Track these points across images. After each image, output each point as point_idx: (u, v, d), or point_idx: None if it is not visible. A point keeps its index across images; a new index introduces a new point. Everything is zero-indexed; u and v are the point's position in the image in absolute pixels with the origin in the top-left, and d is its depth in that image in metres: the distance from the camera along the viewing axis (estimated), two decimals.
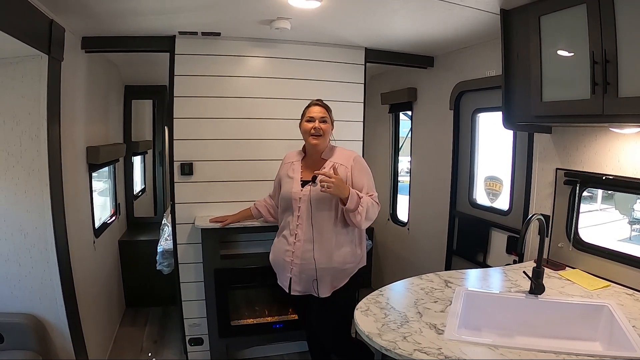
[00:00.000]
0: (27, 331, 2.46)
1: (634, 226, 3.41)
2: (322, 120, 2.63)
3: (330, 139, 2.73)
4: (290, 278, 2.65)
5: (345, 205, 2.43)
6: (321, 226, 2.55)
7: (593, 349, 1.79)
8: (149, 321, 4.28)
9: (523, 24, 2.27)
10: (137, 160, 5.23)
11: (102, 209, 4.00)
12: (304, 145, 2.77)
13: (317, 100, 2.73)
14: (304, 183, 2.62)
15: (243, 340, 3.46)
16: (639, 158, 2.14)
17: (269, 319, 3.46)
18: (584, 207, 2.53)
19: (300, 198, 2.59)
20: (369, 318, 1.84)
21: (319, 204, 2.50)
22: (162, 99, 5.01)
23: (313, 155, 2.70)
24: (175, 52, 3.14)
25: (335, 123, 3.42)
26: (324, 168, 2.58)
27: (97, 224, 3.56)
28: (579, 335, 1.91)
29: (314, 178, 2.55)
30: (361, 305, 1.97)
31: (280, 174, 2.81)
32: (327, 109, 2.69)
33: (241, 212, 3.14)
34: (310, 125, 2.63)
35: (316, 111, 2.65)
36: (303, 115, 2.71)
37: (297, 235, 2.59)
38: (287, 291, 2.68)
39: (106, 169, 4.06)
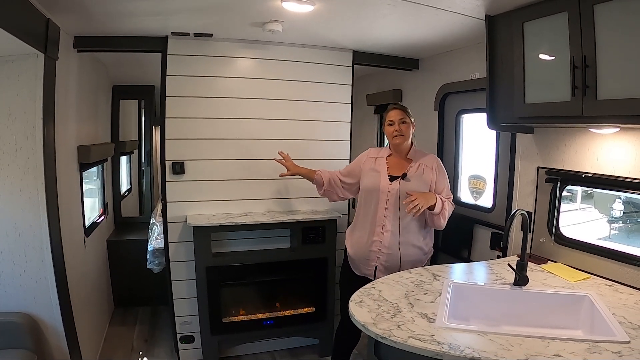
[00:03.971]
0: (22, 330, 2.46)
1: (612, 225, 3.54)
2: (402, 122, 2.76)
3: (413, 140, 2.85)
4: (376, 267, 2.75)
5: (433, 210, 2.61)
6: (407, 219, 2.69)
7: (576, 335, 1.89)
8: (139, 320, 4.29)
9: (507, 29, 2.37)
10: (123, 160, 5.22)
11: (91, 209, 4.01)
12: (389, 144, 2.89)
13: (394, 103, 2.88)
14: (392, 178, 2.74)
15: (234, 337, 3.51)
16: (616, 157, 2.26)
17: (260, 316, 3.51)
18: (564, 206, 2.65)
19: (389, 192, 2.70)
20: (363, 309, 1.91)
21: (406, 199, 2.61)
22: (150, 99, 5.02)
23: (398, 155, 2.83)
24: (168, 53, 3.18)
25: (323, 123, 3.51)
26: (411, 167, 2.75)
27: (87, 224, 3.57)
28: (562, 323, 2.01)
29: (404, 175, 2.70)
30: (355, 297, 2.04)
31: (363, 167, 2.89)
32: (405, 110, 2.81)
33: (307, 169, 3.09)
34: (391, 128, 2.78)
35: (395, 114, 2.78)
36: (384, 120, 2.85)
37: (385, 226, 2.71)
38: (372, 279, 2.72)
39: (95, 168, 4.07)
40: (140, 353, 3.67)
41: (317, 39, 3.30)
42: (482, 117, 2.65)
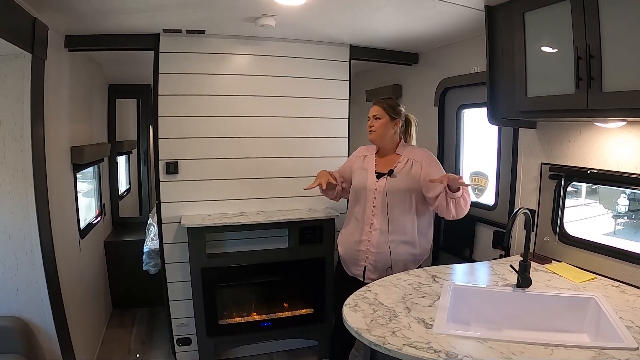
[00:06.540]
0: (13, 334, 2.41)
1: (618, 220, 3.45)
2: (375, 118, 2.69)
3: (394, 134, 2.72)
4: (365, 267, 2.68)
5: (456, 192, 2.42)
6: (396, 217, 2.61)
7: (581, 341, 1.81)
8: (137, 322, 4.24)
9: (507, 20, 2.28)
10: (121, 160, 5.17)
11: (87, 210, 3.95)
12: None
13: (380, 98, 2.79)
14: (378, 175, 2.68)
15: (231, 339, 3.46)
16: (623, 152, 2.17)
17: (257, 318, 3.46)
18: (568, 202, 2.56)
19: (376, 189, 2.65)
20: (357, 314, 1.84)
21: (394, 195, 2.57)
22: (147, 98, 4.96)
23: (385, 150, 2.76)
24: (160, 50, 3.11)
25: (320, 120, 3.43)
26: (399, 163, 2.66)
27: (82, 225, 3.51)
28: (566, 327, 1.93)
29: (391, 172, 2.63)
30: (349, 301, 1.97)
31: (353, 167, 2.84)
32: (384, 106, 2.70)
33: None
34: (368, 123, 2.72)
35: (372, 110, 2.73)
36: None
37: (373, 224, 2.64)
38: (361, 279, 2.69)
39: (91, 169, 4.01)
40: (138, 355, 3.62)
41: (312, 33, 3.22)
42: (484, 112, 2.57)
